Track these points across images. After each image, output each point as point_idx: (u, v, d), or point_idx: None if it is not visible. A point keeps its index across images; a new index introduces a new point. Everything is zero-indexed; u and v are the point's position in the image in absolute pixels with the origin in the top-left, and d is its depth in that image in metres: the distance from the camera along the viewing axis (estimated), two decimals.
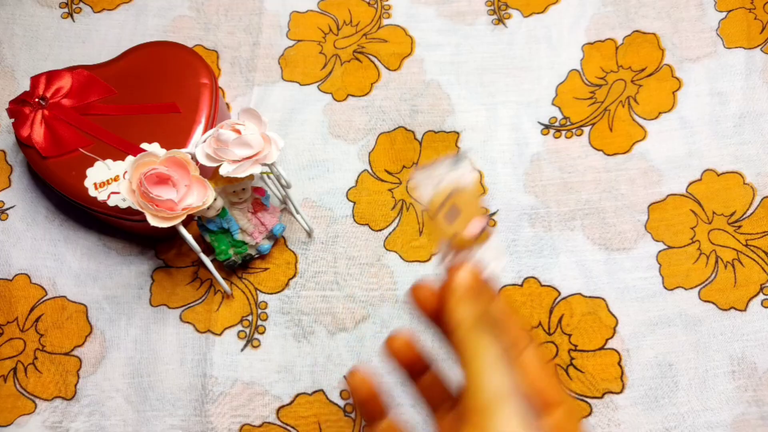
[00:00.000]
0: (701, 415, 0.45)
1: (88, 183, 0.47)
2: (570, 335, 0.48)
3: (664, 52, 0.56)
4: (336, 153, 0.54)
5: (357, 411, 0.43)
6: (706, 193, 0.52)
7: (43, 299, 0.50)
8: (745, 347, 0.47)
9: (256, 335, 0.49)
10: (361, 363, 0.48)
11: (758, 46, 0.56)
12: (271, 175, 0.50)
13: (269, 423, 0.47)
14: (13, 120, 0.50)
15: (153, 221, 0.43)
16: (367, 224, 0.52)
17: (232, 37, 0.58)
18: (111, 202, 0.46)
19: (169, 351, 0.48)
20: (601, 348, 0.47)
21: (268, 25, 0.58)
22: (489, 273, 0.29)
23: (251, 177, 0.46)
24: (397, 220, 0.52)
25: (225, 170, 0.43)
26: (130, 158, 0.44)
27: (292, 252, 0.51)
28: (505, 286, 0.49)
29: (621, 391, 0.46)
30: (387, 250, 0.51)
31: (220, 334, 0.49)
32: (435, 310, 0.30)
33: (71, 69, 0.51)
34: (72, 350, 0.49)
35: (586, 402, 0.46)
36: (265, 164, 0.44)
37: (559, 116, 0.55)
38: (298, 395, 0.47)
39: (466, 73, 0.57)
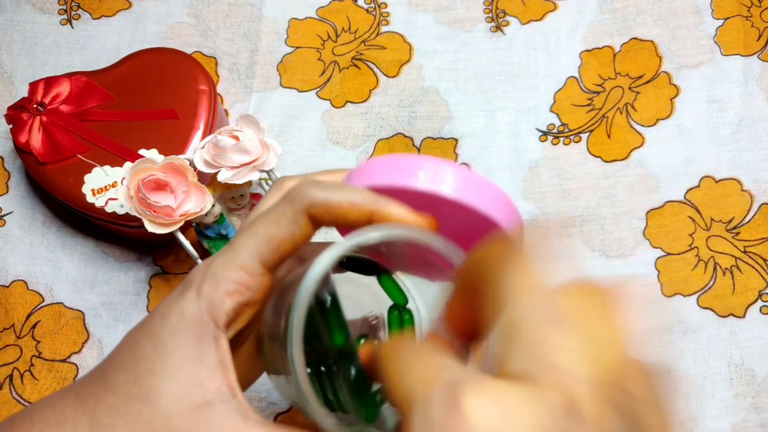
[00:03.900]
0: (700, 423, 0.45)
1: (86, 189, 0.47)
2: None
3: (661, 59, 0.56)
4: (334, 159, 0.54)
5: None
6: (704, 200, 0.52)
7: (40, 305, 0.50)
8: (744, 354, 0.47)
9: None
10: None
11: (755, 53, 0.56)
12: (270, 182, 0.50)
13: None
14: (11, 126, 0.50)
15: (151, 227, 0.42)
16: None
17: (231, 44, 0.58)
18: (109, 208, 0.46)
19: None
20: None
21: (266, 32, 0.58)
22: None
23: (249, 183, 0.46)
24: None
25: (223, 176, 0.43)
26: (128, 164, 0.44)
27: None
28: None
29: None
30: None
31: None
32: None
33: (70, 75, 0.51)
34: (69, 357, 0.49)
35: None
36: (263, 170, 0.44)
37: (557, 123, 0.55)
38: None
39: (465, 79, 0.57)
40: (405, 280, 0.31)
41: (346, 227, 0.26)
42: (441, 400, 0.18)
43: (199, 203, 0.44)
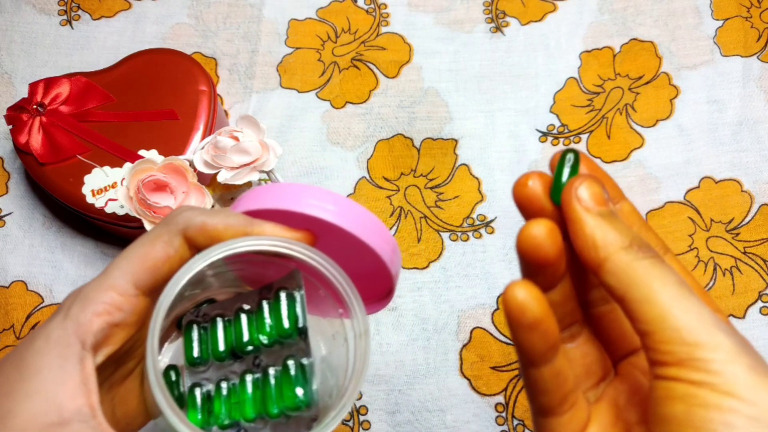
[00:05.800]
0: None
1: (86, 190, 0.47)
2: None
3: (661, 60, 0.56)
4: (334, 160, 0.54)
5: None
6: (704, 201, 0.52)
7: (40, 306, 0.50)
8: None
9: None
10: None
11: (755, 54, 0.56)
12: (270, 182, 0.50)
13: None
14: (10, 126, 0.50)
15: (150, 228, 0.42)
16: None
17: (231, 45, 0.58)
18: (108, 209, 0.46)
19: None
20: None
21: (266, 33, 0.59)
22: None
23: (249, 184, 0.46)
24: (395, 228, 0.52)
25: (223, 177, 0.43)
26: (128, 165, 0.44)
27: None
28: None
29: None
30: None
31: None
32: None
33: (69, 76, 0.51)
34: None
35: None
36: (263, 171, 0.44)
37: (557, 124, 0.55)
38: None
39: (464, 80, 0.57)
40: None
41: None
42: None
43: (198, 204, 0.44)
